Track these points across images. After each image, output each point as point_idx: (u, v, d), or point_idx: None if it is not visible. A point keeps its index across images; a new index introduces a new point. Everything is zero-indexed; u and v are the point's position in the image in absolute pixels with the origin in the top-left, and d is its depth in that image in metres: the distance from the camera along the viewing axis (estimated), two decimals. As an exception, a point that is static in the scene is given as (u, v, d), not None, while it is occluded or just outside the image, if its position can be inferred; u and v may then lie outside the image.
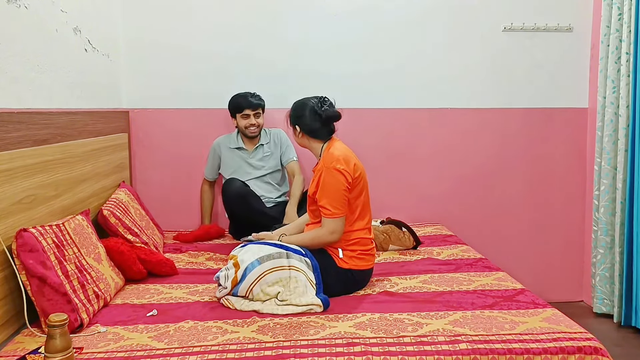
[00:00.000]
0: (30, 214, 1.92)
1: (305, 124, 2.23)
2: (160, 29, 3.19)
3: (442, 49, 3.32)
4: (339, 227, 2.12)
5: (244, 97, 2.99)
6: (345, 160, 2.13)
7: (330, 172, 2.10)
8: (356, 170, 2.15)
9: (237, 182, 2.89)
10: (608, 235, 3.15)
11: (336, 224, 2.11)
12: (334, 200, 2.09)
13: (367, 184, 2.25)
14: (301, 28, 3.25)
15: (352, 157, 2.18)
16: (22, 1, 1.99)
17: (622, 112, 2.99)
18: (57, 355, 1.40)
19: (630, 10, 2.92)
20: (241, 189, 2.86)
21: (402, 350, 1.63)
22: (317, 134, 2.24)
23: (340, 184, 2.09)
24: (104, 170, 2.70)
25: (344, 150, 2.20)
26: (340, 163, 2.11)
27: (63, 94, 2.37)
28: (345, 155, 2.16)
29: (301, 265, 2.04)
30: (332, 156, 2.14)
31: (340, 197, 2.10)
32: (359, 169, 2.18)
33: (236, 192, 2.84)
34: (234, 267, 2.02)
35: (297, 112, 2.26)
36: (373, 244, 2.26)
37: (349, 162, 2.13)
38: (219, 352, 1.63)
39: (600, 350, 1.65)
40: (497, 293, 2.10)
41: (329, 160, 2.13)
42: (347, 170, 2.11)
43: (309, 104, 2.23)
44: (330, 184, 2.09)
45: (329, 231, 2.12)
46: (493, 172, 3.42)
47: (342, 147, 2.22)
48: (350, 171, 2.12)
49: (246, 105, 2.97)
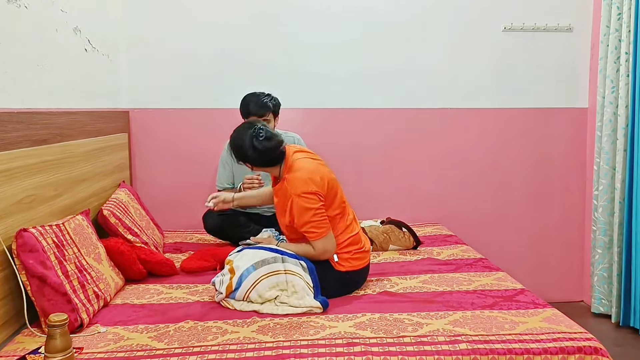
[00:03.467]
0: (30, 214, 1.92)
1: (251, 160, 2.10)
2: (160, 29, 3.19)
3: (442, 49, 3.32)
4: (329, 244, 2.10)
5: (253, 101, 2.75)
6: (311, 179, 2.05)
7: (300, 199, 2.03)
8: (324, 183, 2.09)
9: (211, 221, 2.81)
10: (606, 235, 3.15)
11: (325, 242, 2.09)
12: (314, 222, 2.05)
13: (338, 185, 2.19)
14: (302, 29, 3.25)
15: (315, 171, 2.10)
16: (22, 1, 1.99)
17: (621, 112, 2.99)
18: (57, 355, 1.40)
19: (630, 10, 2.92)
20: (215, 225, 2.80)
21: (402, 350, 1.63)
22: (267, 164, 2.13)
23: (314, 207, 2.04)
24: (104, 170, 2.70)
25: (306, 166, 2.11)
26: (307, 185, 2.04)
27: (63, 94, 2.37)
28: (308, 172, 2.07)
29: (297, 268, 2.03)
30: (297, 180, 2.05)
31: (319, 216, 2.06)
32: (326, 179, 2.10)
33: (210, 228, 2.82)
34: (230, 272, 2.01)
35: (237, 153, 2.11)
36: (364, 238, 2.24)
37: (314, 180, 2.06)
38: (219, 352, 1.63)
39: (600, 350, 1.65)
40: (497, 293, 2.10)
41: (294, 185, 2.04)
42: (316, 189, 2.05)
43: (244, 142, 2.06)
44: (304, 209, 2.03)
45: (320, 252, 2.10)
46: (493, 172, 3.42)
47: (302, 163, 2.11)
48: (319, 187, 2.06)
49: (253, 111, 2.73)
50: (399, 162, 3.37)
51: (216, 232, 2.84)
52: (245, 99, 2.79)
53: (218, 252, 2.55)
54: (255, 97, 2.77)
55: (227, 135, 3.09)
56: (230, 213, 2.86)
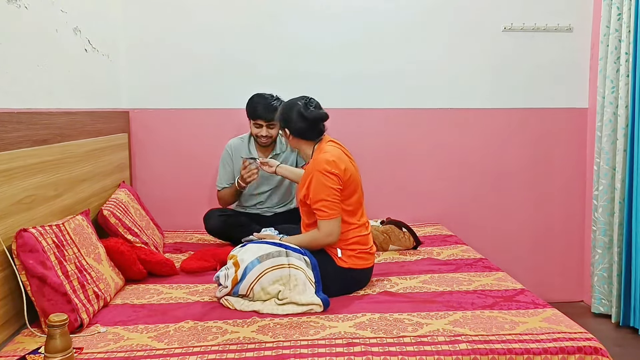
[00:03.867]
0: (30, 214, 1.92)
1: (294, 126, 2.22)
2: (160, 29, 3.19)
3: (442, 49, 3.32)
4: (335, 228, 2.12)
5: (262, 103, 2.71)
6: (335, 163, 2.12)
7: (321, 174, 2.10)
8: (346, 173, 2.14)
9: (212, 221, 2.79)
10: (606, 235, 3.15)
11: (332, 225, 2.11)
12: (327, 201, 2.09)
13: (360, 184, 2.24)
14: (302, 28, 3.24)
15: (343, 160, 2.17)
16: (22, 1, 1.99)
17: (621, 112, 2.99)
18: (57, 356, 1.40)
19: (630, 10, 2.92)
20: (216, 226, 2.78)
21: (402, 351, 1.63)
22: (306, 136, 2.24)
23: (331, 186, 2.09)
24: (104, 170, 2.70)
25: (335, 152, 2.18)
26: (330, 165, 2.11)
27: (63, 94, 2.37)
28: (335, 157, 2.15)
29: (300, 263, 2.05)
30: (322, 158, 2.13)
31: (333, 198, 2.10)
32: (350, 172, 2.16)
33: (211, 229, 2.81)
34: (234, 266, 2.02)
35: (284, 115, 2.25)
36: (372, 242, 2.26)
37: (339, 165, 2.12)
38: (219, 352, 1.63)
39: (600, 350, 1.65)
40: (497, 293, 2.10)
41: (319, 162, 2.13)
42: (337, 172, 2.11)
43: (295, 107, 2.21)
44: (322, 186, 2.10)
45: (325, 234, 2.12)
46: (493, 172, 3.42)
47: (332, 149, 2.20)
48: (341, 173, 2.12)
49: (262, 114, 2.71)
50: (399, 162, 3.37)
51: (217, 232, 2.83)
52: (253, 100, 2.76)
53: (218, 252, 2.55)
54: (263, 99, 2.73)
55: (227, 135, 3.14)
56: (231, 213, 2.86)
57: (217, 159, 2.98)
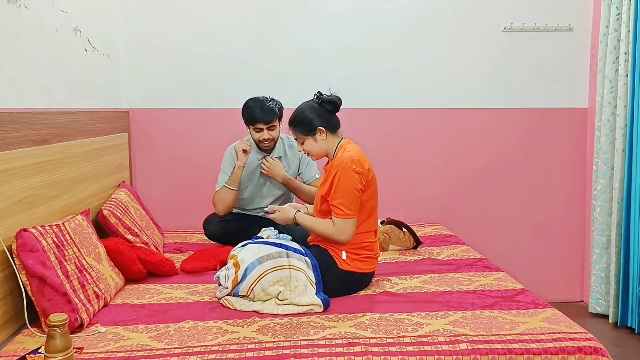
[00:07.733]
0: (30, 214, 1.92)
1: (317, 122, 2.16)
2: (160, 29, 3.19)
3: (442, 49, 3.32)
4: (350, 228, 2.11)
5: (258, 107, 2.65)
6: (360, 162, 2.11)
7: (346, 172, 2.08)
8: (369, 174, 2.15)
9: (212, 228, 2.79)
10: (604, 235, 3.15)
11: (347, 225, 2.10)
12: (347, 200, 2.08)
13: (375, 192, 2.23)
14: (301, 29, 3.25)
15: (366, 160, 2.17)
16: (22, 1, 1.99)
17: (620, 112, 2.99)
18: (57, 355, 1.40)
19: (629, 10, 2.92)
20: (216, 232, 2.78)
21: (402, 351, 1.63)
22: (333, 122, 2.21)
23: (355, 185, 2.08)
24: (104, 170, 2.70)
25: (359, 153, 2.18)
26: (356, 164, 2.09)
27: (63, 94, 2.37)
28: (360, 157, 2.14)
29: (301, 264, 2.05)
30: (347, 156, 2.11)
31: (354, 198, 2.09)
32: (372, 173, 2.18)
33: (211, 235, 2.81)
34: (234, 267, 2.02)
35: (303, 124, 2.17)
36: (378, 249, 2.26)
37: (363, 165, 2.12)
38: (219, 352, 1.63)
39: (600, 350, 1.65)
40: (497, 293, 2.10)
41: (344, 160, 2.10)
42: (362, 171, 2.10)
43: (306, 107, 2.19)
44: (346, 183, 2.08)
45: (339, 231, 2.11)
46: (493, 172, 3.42)
47: (356, 149, 2.20)
48: (365, 173, 2.11)
49: (260, 117, 2.65)
50: (399, 162, 3.37)
51: (217, 238, 2.82)
52: (249, 106, 2.69)
53: (218, 252, 2.55)
54: (259, 102, 2.68)
55: (227, 135, 3.13)
56: (231, 219, 2.83)
57: (217, 159, 2.95)
